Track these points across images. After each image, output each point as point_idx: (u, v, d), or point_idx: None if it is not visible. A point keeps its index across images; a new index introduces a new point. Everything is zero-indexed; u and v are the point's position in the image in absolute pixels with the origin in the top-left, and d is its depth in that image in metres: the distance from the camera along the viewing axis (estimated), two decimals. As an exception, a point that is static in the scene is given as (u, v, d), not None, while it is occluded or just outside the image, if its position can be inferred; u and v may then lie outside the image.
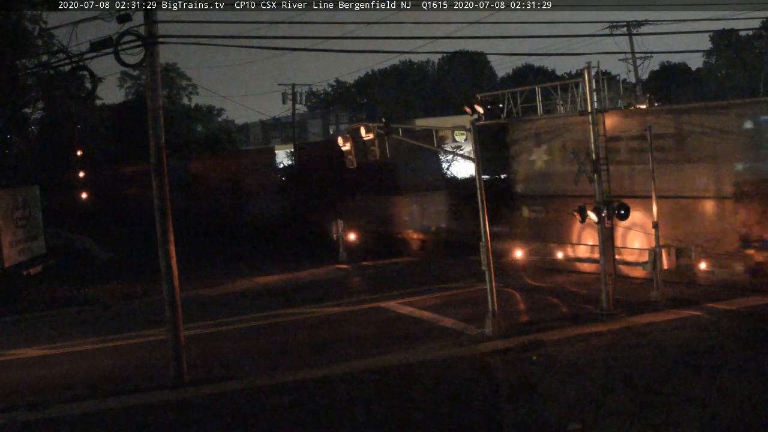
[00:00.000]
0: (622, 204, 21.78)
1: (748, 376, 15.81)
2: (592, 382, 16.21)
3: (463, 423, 14.46)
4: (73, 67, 17.73)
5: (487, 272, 20.24)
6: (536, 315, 22.31)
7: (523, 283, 26.82)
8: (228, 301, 28.81)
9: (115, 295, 30.43)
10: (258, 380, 17.93)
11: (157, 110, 17.90)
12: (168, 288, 18.00)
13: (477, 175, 20.81)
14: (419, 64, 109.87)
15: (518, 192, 30.85)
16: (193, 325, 22.61)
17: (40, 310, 28.46)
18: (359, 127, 21.82)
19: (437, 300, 25.60)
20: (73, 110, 60.30)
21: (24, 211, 33.98)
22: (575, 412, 14.37)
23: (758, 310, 20.98)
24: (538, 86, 25.42)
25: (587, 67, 22.20)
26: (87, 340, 23.44)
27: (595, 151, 21.92)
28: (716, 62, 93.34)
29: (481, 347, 19.26)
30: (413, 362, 18.55)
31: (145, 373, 19.04)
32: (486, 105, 21.11)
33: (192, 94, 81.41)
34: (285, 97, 67.11)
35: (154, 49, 17.44)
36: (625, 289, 23.56)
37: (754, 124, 24.93)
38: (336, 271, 33.74)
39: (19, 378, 19.60)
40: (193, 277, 30.23)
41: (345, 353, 19.71)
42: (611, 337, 19.36)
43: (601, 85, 23.46)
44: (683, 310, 21.35)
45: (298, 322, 24.25)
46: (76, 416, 16.19)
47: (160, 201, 17.93)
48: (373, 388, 16.89)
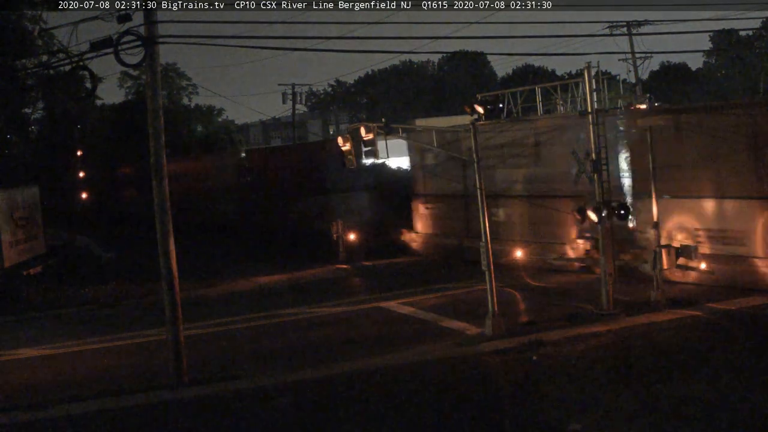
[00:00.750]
0: (622, 204, 21.81)
1: (747, 376, 15.81)
2: (592, 382, 16.22)
3: (463, 423, 14.45)
4: (73, 67, 17.75)
5: (487, 272, 20.23)
6: (536, 315, 22.31)
7: (523, 283, 26.83)
8: (227, 301, 28.82)
9: (115, 295, 30.44)
10: (258, 380, 17.93)
11: (157, 110, 17.89)
12: (168, 288, 18.00)
13: (477, 175, 20.79)
14: (419, 64, 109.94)
15: (418, 192, 36.42)
16: (193, 325, 22.62)
17: (40, 310, 28.46)
18: (359, 127, 21.81)
19: (437, 300, 25.60)
20: (73, 110, 60.33)
21: (24, 211, 33.98)
22: (575, 412, 14.37)
23: (758, 310, 20.98)
24: (538, 86, 25.49)
25: (587, 67, 22.21)
26: (87, 340, 23.44)
27: (596, 151, 21.97)
28: (716, 62, 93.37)
29: (481, 347, 19.26)
30: (413, 362, 18.56)
31: (145, 373, 19.04)
32: (486, 105, 21.12)
33: (192, 94, 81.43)
34: (285, 97, 67.22)
35: (154, 49, 17.44)
36: (626, 289, 23.56)
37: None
38: (337, 270, 33.79)
39: (19, 378, 19.61)
40: (192, 276, 30.25)
41: (345, 353, 19.72)
42: (611, 337, 19.36)
43: (601, 85, 23.50)
44: (683, 310, 21.34)
45: (298, 322, 24.26)
46: (76, 416, 16.17)
47: (160, 200, 17.94)
48: (373, 389, 16.88)
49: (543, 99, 25.68)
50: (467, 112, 20.90)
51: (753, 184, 23.07)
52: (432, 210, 35.83)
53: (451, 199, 34.01)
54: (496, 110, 22.71)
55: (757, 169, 22.92)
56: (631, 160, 25.86)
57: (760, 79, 77.57)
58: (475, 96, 24.98)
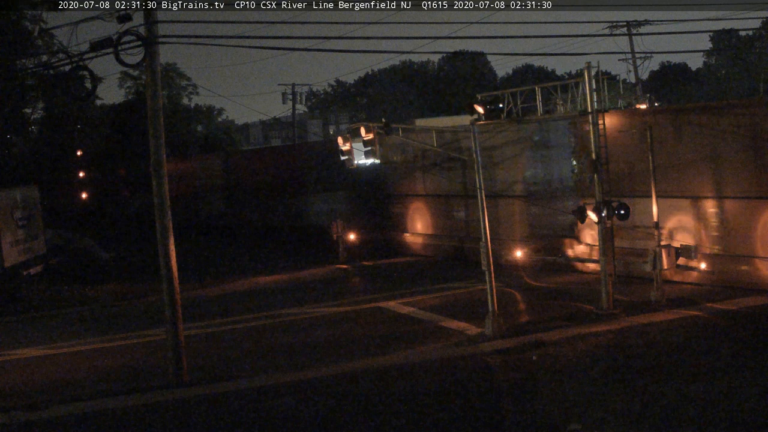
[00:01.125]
0: (622, 204, 21.79)
1: (747, 376, 15.81)
2: (592, 382, 16.22)
3: (463, 423, 14.46)
4: (73, 67, 17.72)
5: (487, 272, 20.23)
6: (536, 315, 22.31)
7: (523, 283, 26.82)
8: (227, 300, 28.81)
9: (115, 295, 30.44)
10: (258, 380, 17.94)
11: (157, 110, 17.90)
12: (168, 288, 18.00)
13: (477, 175, 20.79)
14: (419, 64, 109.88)
15: (388, 192, 38.27)
16: (193, 325, 22.63)
17: (40, 310, 28.46)
18: (359, 127, 21.81)
19: (437, 300, 25.60)
20: (73, 110, 60.30)
21: (24, 211, 33.89)
22: (575, 412, 14.38)
23: (758, 310, 20.98)
24: (538, 86, 25.46)
25: (587, 67, 22.20)
26: (87, 340, 23.44)
27: (595, 151, 21.96)
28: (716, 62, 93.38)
29: (481, 347, 19.26)
30: (413, 362, 18.56)
31: (145, 373, 19.04)
32: (486, 105, 21.12)
33: (192, 94, 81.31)
34: (285, 97, 67.25)
35: (154, 49, 17.44)
36: (626, 289, 23.57)
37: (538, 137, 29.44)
38: (337, 270, 33.77)
39: (19, 378, 19.61)
40: (192, 276, 30.26)
41: (345, 353, 19.72)
42: (611, 337, 19.36)
43: (601, 85, 23.49)
44: (683, 310, 21.34)
45: (298, 322, 24.26)
46: (76, 416, 16.19)
47: (159, 200, 17.94)
48: (373, 389, 16.89)
49: (543, 99, 25.62)
50: (467, 112, 20.90)
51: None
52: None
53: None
54: (496, 110, 22.74)
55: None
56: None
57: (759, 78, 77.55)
58: (475, 96, 24.99)
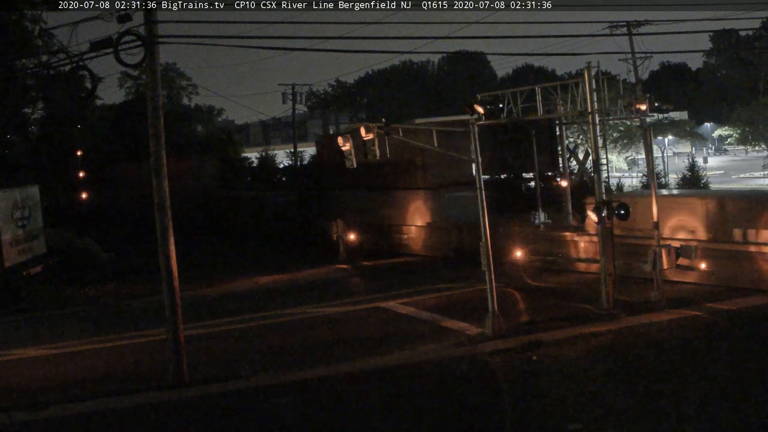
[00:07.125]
0: (622, 204, 21.80)
1: (747, 375, 15.82)
2: (592, 382, 16.22)
3: (463, 423, 14.46)
4: (73, 67, 17.73)
5: (487, 272, 20.23)
6: (536, 315, 22.30)
7: (523, 283, 26.82)
8: (228, 300, 28.79)
9: (115, 295, 30.41)
10: (258, 380, 17.93)
11: (157, 110, 17.89)
12: (168, 288, 17.99)
13: (477, 175, 20.79)
14: (419, 64, 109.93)
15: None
16: (193, 325, 22.60)
17: (40, 310, 28.44)
18: (359, 127, 21.79)
19: (437, 300, 25.58)
20: (73, 110, 60.27)
21: (24, 211, 33.86)
22: (575, 412, 14.38)
23: (758, 310, 20.99)
24: (538, 86, 25.41)
25: (587, 67, 22.20)
26: (87, 340, 23.41)
27: (595, 151, 21.97)
28: (716, 62, 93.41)
29: (481, 347, 19.26)
30: (413, 362, 18.56)
31: (145, 373, 19.02)
32: (486, 105, 21.10)
33: (192, 94, 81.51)
34: (285, 97, 67.23)
35: (154, 49, 17.44)
36: (626, 289, 23.56)
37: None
38: (337, 270, 33.76)
39: (19, 378, 19.58)
40: (192, 276, 30.23)
41: (345, 353, 19.71)
42: (611, 337, 19.37)
43: (601, 85, 23.48)
44: (683, 310, 21.35)
45: (298, 322, 24.25)
46: (76, 416, 16.18)
47: (159, 200, 17.93)
48: (374, 388, 16.89)
49: (543, 99, 25.58)
50: (467, 112, 20.88)
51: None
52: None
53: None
54: (496, 110, 22.72)
55: None
56: None
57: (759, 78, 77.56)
58: (475, 96, 24.95)
